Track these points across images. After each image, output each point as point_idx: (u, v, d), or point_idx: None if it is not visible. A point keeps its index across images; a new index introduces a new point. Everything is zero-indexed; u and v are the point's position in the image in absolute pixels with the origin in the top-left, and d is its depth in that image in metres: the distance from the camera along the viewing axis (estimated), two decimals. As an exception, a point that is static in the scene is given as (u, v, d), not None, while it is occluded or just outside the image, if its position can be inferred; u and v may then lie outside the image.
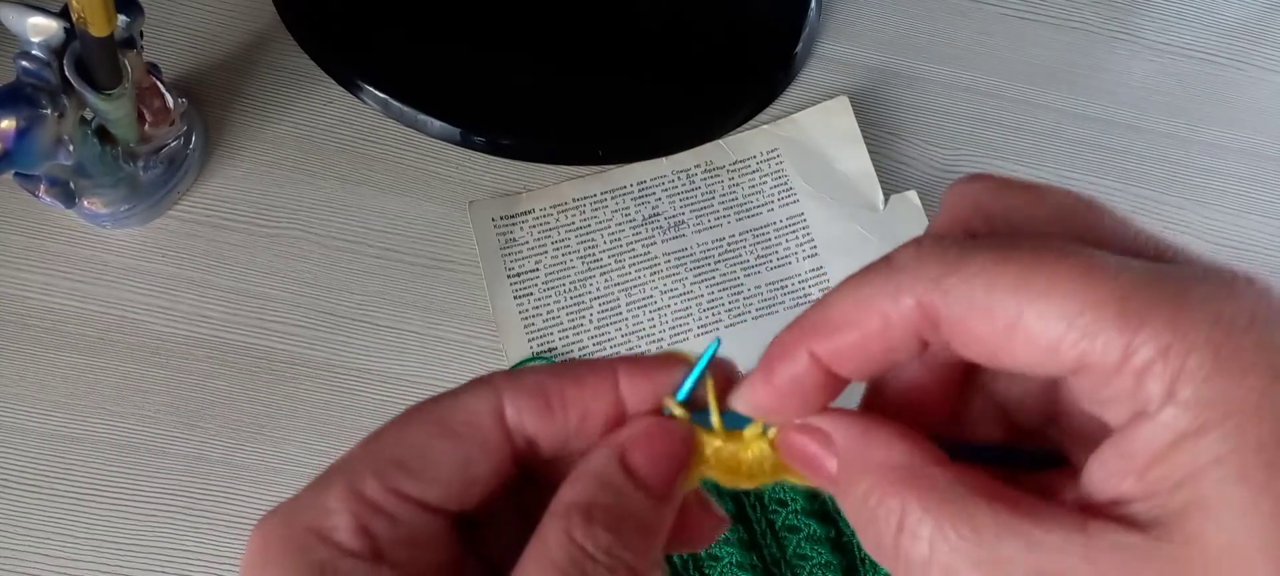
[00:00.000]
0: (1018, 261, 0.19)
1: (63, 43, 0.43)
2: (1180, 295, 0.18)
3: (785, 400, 0.22)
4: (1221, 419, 0.18)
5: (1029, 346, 0.19)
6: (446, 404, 0.23)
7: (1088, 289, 0.18)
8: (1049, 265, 0.19)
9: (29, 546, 0.45)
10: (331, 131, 0.55)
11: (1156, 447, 0.18)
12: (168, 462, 0.47)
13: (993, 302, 0.19)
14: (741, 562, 0.46)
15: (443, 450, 0.22)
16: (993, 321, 0.19)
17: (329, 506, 0.21)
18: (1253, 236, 0.60)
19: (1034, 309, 0.19)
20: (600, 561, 0.21)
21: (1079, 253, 0.19)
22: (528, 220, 0.54)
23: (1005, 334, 0.19)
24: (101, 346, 0.49)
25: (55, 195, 0.47)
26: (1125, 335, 0.18)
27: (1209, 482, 0.18)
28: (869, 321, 0.20)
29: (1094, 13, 0.65)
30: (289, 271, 0.52)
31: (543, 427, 0.23)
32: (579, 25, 0.60)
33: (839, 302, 0.21)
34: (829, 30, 0.61)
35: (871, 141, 0.58)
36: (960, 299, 0.19)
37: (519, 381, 0.23)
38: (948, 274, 0.19)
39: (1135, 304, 0.18)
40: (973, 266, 0.19)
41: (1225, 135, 0.62)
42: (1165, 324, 0.18)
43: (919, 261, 0.20)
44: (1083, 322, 0.18)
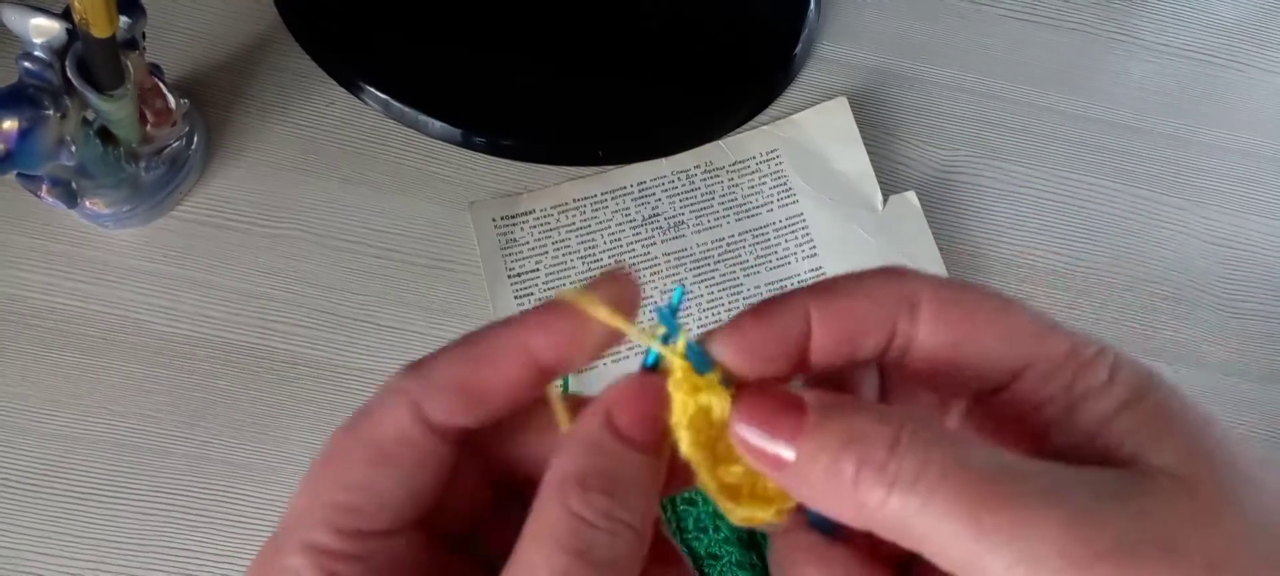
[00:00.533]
0: (984, 291, 0.23)
1: (65, 44, 0.43)
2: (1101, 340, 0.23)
3: (766, 346, 0.23)
4: (1152, 387, 0.22)
5: (993, 343, 0.23)
6: (366, 427, 0.22)
7: (1032, 315, 0.23)
8: (1005, 299, 0.23)
9: (31, 546, 0.45)
10: (333, 132, 0.55)
11: (1106, 413, 0.21)
12: (170, 462, 0.47)
13: (972, 309, 0.23)
14: (741, 562, 0.47)
15: (381, 479, 0.22)
16: (968, 319, 0.23)
17: (290, 566, 0.21)
18: (1252, 236, 0.60)
19: (999, 316, 0.23)
20: (601, 527, 0.21)
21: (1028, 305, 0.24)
22: (528, 220, 0.54)
23: (973, 330, 0.23)
24: (103, 346, 0.49)
25: (57, 196, 0.47)
26: (1067, 339, 0.23)
27: (1156, 424, 0.21)
28: (867, 295, 0.23)
29: (1093, 14, 0.65)
30: (291, 271, 0.52)
31: (470, 418, 0.22)
32: (579, 26, 0.60)
33: (842, 277, 0.23)
34: (829, 31, 0.62)
35: (870, 142, 0.58)
36: (946, 300, 0.23)
37: (432, 383, 0.22)
38: (939, 283, 0.23)
39: (1066, 328, 0.23)
40: (954, 285, 0.23)
41: (1224, 136, 0.62)
42: (1091, 339, 0.23)
43: (922, 272, 0.23)
44: (1033, 329, 0.23)
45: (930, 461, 0.20)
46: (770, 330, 0.23)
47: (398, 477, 0.22)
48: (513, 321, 0.23)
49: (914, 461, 0.20)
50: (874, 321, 0.23)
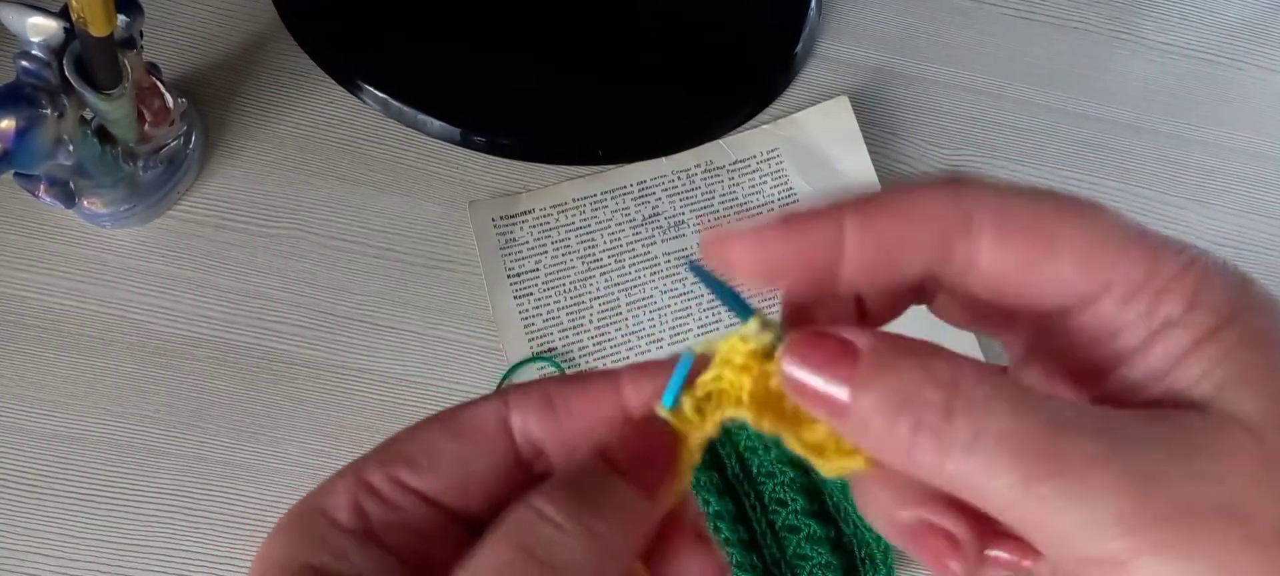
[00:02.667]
0: (1059, 197, 0.21)
1: (63, 43, 0.43)
2: (1181, 243, 0.21)
3: (787, 257, 0.22)
4: (1238, 312, 0.20)
5: (1063, 264, 0.21)
6: (461, 408, 0.24)
7: (1113, 223, 0.21)
8: (1084, 205, 0.21)
9: (29, 546, 0.45)
10: (331, 131, 0.55)
11: (1182, 349, 0.20)
12: (168, 462, 0.47)
13: (1038, 222, 0.21)
14: (741, 562, 0.46)
15: (444, 446, 0.23)
16: (1034, 237, 0.21)
17: (334, 487, 0.23)
18: (1253, 236, 0.60)
19: (1072, 228, 0.21)
20: (557, 523, 0.20)
21: (1102, 204, 0.21)
22: (528, 220, 0.54)
23: (1044, 249, 0.21)
24: (101, 346, 0.49)
25: (55, 195, 0.47)
26: (1150, 256, 0.20)
27: (1237, 359, 0.19)
28: (917, 212, 0.21)
29: (1094, 13, 0.65)
30: (289, 271, 0.52)
31: (547, 432, 0.23)
32: (579, 25, 0.60)
33: (896, 191, 0.22)
34: (829, 30, 0.61)
35: (871, 141, 0.57)
36: (1008, 213, 0.21)
37: (524, 388, 0.24)
38: (1004, 192, 0.21)
39: (1154, 238, 0.21)
40: (1022, 193, 0.21)
41: (1225, 135, 0.62)
42: (1180, 250, 0.20)
43: (979, 180, 0.22)
44: (1112, 245, 0.20)
45: (985, 428, 0.19)
46: (797, 243, 0.21)
47: (459, 453, 0.23)
48: (622, 366, 0.24)
49: (969, 427, 0.19)
50: (921, 241, 0.21)
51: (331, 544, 0.22)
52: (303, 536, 0.22)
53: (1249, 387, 0.19)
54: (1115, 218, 0.21)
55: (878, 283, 0.22)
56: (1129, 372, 0.21)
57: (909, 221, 0.21)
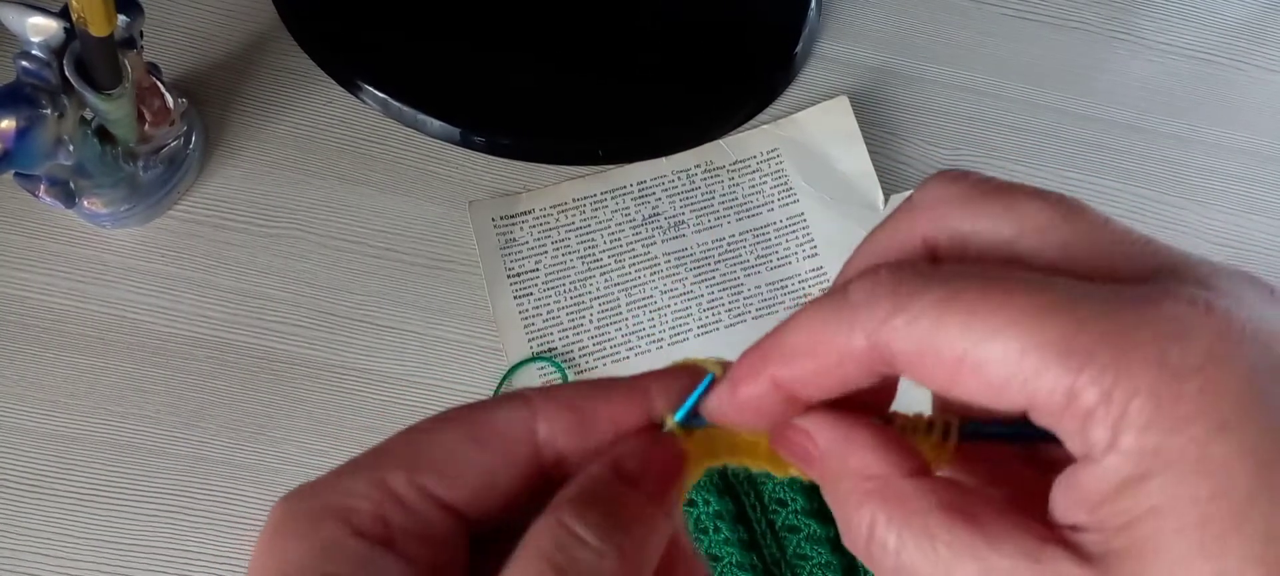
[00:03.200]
0: (966, 300, 0.19)
1: (63, 43, 0.43)
2: (1127, 334, 0.18)
3: (749, 417, 0.23)
4: (1161, 469, 0.18)
5: (978, 384, 0.19)
6: (481, 412, 0.23)
7: (1033, 329, 0.18)
8: (997, 303, 0.19)
9: (29, 546, 0.45)
10: (331, 131, 0.55)
11: (1104, 489, 0.18)
12: (168, 463, 0.47)
13: (939, 343, 0.19)
14: (741, 562, 0.46)
15: (471, 455, 0.22)
16: (940, 361, 0.19)
17: (354, 489, 0.22)
18: (1253, 236, 0.60)
19: (979, 350, 0.19)
20: (590, 544, 0.21)
21: (1030, 288, 0.19)
22: (528, 220, 0.54)
23: (956, 372, 0.19)
24: (101, 346, 0.49)
25: (55, 195, 0.47)
26: (1068, 377, 0.18)
27: (1149, 530, 0.18)
28: (825, 354, 0.21)
29: (1094, 13, 0.65)
30: (289, 271, 0.52)
31: (572, 442, 0.23)
32: (579, 25, 0.60)
33: (796, 333, 0.21)
34: (829, 30, 0.61)
35: (871, 141, 0.57)
36: (908, 339, 0.19)
37: (552, 396, 0.23)
38: (896, 313, 0.20)
39: (1080, 344, 0.18)
40: (921, 304, 0.19)
41: (1225, 135, 0.62)
42: (1108, 367, 0.18)
43: (871, 299, 0.20)
44: (1027, 364, 0.18)
45: (902, 566, 0.20)
46: (746, 401, 0.22)
47: (484, 462, 0.22)
48: (648, 374, 0.24)
49: (889, 563, 0.21)
50: (845, 376, 0.21)
51: (349, 552, 0.21)
52: (316, 542, 0.21)
53: (1153, 569, 0.18)
54: (1038, 323, 0.18)
55: (832, 395, 0.23)
56: (1065, 491, 0.20)
57: (821, 362, 0.21)
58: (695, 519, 0.47)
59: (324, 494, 0.22)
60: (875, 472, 0.21)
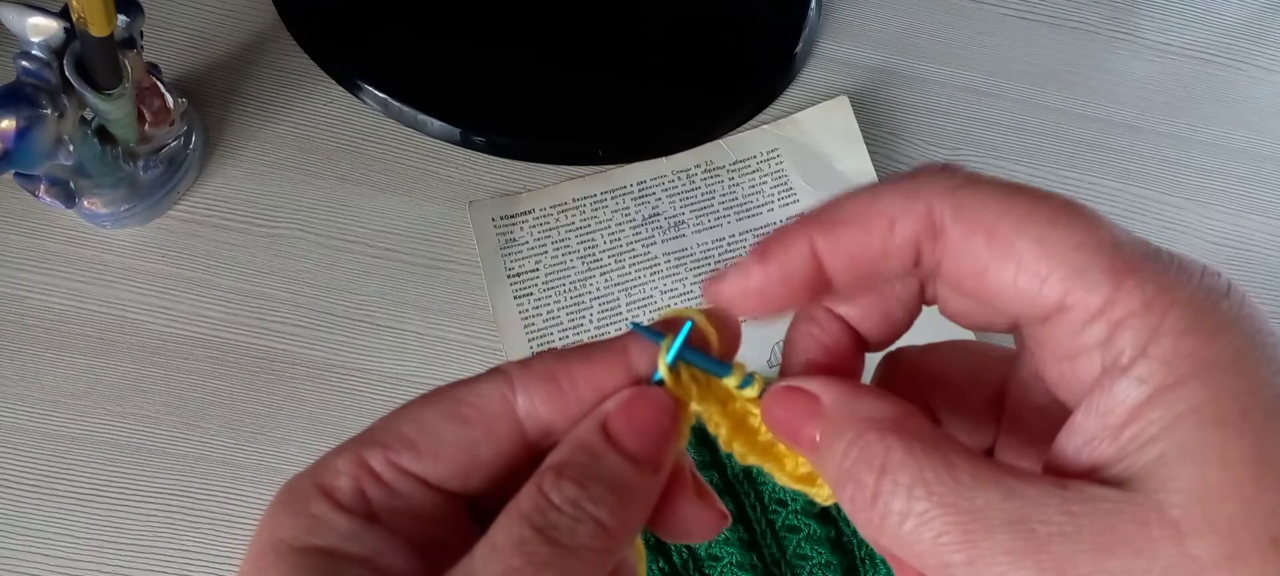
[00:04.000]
0: (1029, 195, 0.20)
1: (63, 43, 0.43)
2: (1167, 260, 0.19)
3: (773, 288, 0.22)
4: (1197, 371, 0.18)
5: (1019, 274, 0.20)
6: (460, 389, 0.23)
7: (1085, 234, 0.19)
8: (1056, 206, 0.20)
9: (29, 546, 0.45)
10: (331, 131, 0.55)
11: (1131, 403, 0.18)
12: (168, 462, 0.47)
13: (998, 222, 0.20)
14: (741, 562, 0.46)
15: (449, 432, 0.23)
16: (992, 240, 0.20)
17: (338, 468, 0.23)
18: (1253, 236, 0.60)
19: (1033, 235, 0.19)
20: (565, 512, 0.21)
21: (1081, 209, 0.20)
22: (528, 220, 0.54)
23: (1000, 255, 0.20)
24: (101, 346, 0.49)
25: (55, 195, 0.47)
26: (1111, 282, 0.19)
27: (1186, 430, 0.18)
28: (876, 220, 0.21)
29: (1094, 13, 0.65)
30: (289, 271, 0.52)
31: (556, 411, 0.23)
32: (579, 25, 0.60)
33: (852, 199, 0.22)
34: (829, 30, 0.61)
35: (871, 141, 0.58)
36: (969, 212, 0.20)
37: (529, 366, 0.23)
38: (963, 187, 0.20)
39: (1125, 257, 0.19)
40: (986, 188, 0.20)
41: (1225, 135, 0.62)
42: (1150, 278, 0.19)
43: (939, 174, 0.21)
44: (1074, 259, 0.19)
45: (908, 512, 0.20)
46: (776, 271, 0.22)
47: (464, 438, 0.23)
48: (626, 333, 0.24)
49: (894, 512, 0.20)
50: (885, 250, 0.21)
51: (337, 526, 0.22)
52: (307, 517, 0.22)
53: (1183, 474, 0.18)
54: (1088, 227, 0.19)
55: (865, 286, 0.23)
56: (1085, 419, 0.19)
57: (869, 230, 0.21)
58: (695, 519, 0.47)
59: (315, 473, 0.23)
60: (889, 414, 0.21)
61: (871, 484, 0.20)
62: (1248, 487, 0.17)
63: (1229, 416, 0.18)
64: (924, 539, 0.19)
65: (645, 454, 0.22)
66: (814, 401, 0.22)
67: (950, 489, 0.19)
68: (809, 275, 0.22)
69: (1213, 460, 0.18)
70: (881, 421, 0.21)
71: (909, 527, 0.19)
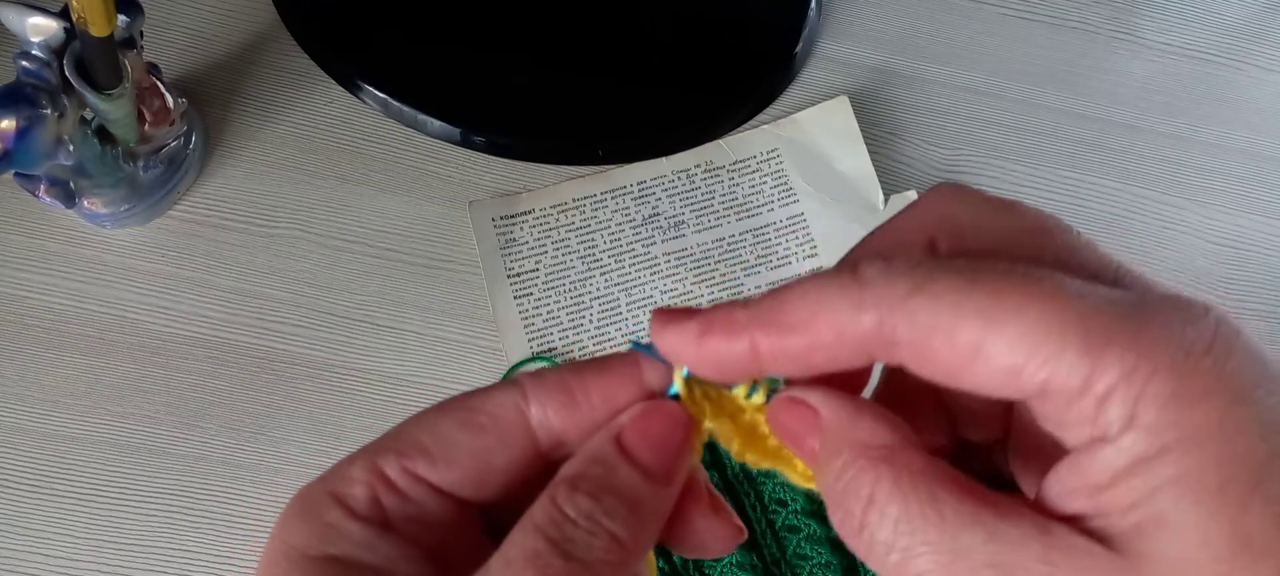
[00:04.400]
0: (984, 286, 0.19)
1: (63, 43, 0.43)
2: (1142, 321, 0.18)
3: (705, 366, 0.22)
4: (1181, 441, 0.18)
5: (991, 371, 0.19)
6: (474, 398, 0.24)
7: (1052, 315, 0.18)
8: (1015, 290, 0.19)
9: (29, 546, 0.45)
10: (331, 131, 0.55)
11: (1114, 470, 0.18)
12: (168, 462, 0.47)
13: (957, 326, 0.19)
14: (741, 562, 0.46)
15: (462, 440, 0.23)
16: (955, 345, 0.19)
17: (351, 476, 0.23)
18: (1252, 236, 0.60)
19: (998, 334, 0.19)
20: (580, 525, 0.21)
21: (1045, 278, 0.19)
22: (528, 220, 0.54)
23: (968, 357, 0.19)
24: (101, 346, 0.49)
25: (55, 195, 0.47)
26: (1088, 360, 0.18)
27: (1166, 501, 0.18)
28: (823, 331, 0.20)
29: (1094, 13, 0.65)
30: (289, 271, 0.52)
31: (568, 421, 0.23)
32: (579, 25, 0.60)
33: (797, 304, 0.21)
34: (829, 30, 0.61)
35: (871, 141, 0.58)
36: (924, 321, 0.19)
37: (543, 379, 0.24)
38: (913, 294, 0.19)
39: (1099, 329, 0.18)
40: (939, 287, 0.19)
41: (1225, 135, 0.62)
42: (1128, 348, 0.18)
43: (887, 278, 0.20)
44: (1047, 349, 0.18)
45: (894, 544, 0.20)
46: (711, 354, 0.22)
47: (478, 447, 0.23)
48: (626, 352, 0.24)
49: (882, 543, 0.20)
50: (832, 359, 0.21)
51: (351, 535, 0.22)
52: (321, 525, 0.22)
53: (1163, 545, 0.18)
54: (1056, 304, 0.19)
55: (803, 374, 0.22)
56: (1069, 474, 0.19)
57: (814, 342, 0.20)
58: (695, 519, 0.47)
59: (329, 481, 0.23)
60: (883, 442, 0.21)
61: (858, 514, 0.20)
62: (1225, 565, 0.18)
63: (1209, 489, 0.18)
64: (909, 571, 0.19)
65: (659, 467, 0.23)
66: (812, 417, 0.22)
67: (934, 527, 0.19)
68: (746, 366, 0.22)
69: (1192, 535, 0.18)
70: (874, 449, 0.21)
71: (894, 560, 0.20)
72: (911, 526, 0.20)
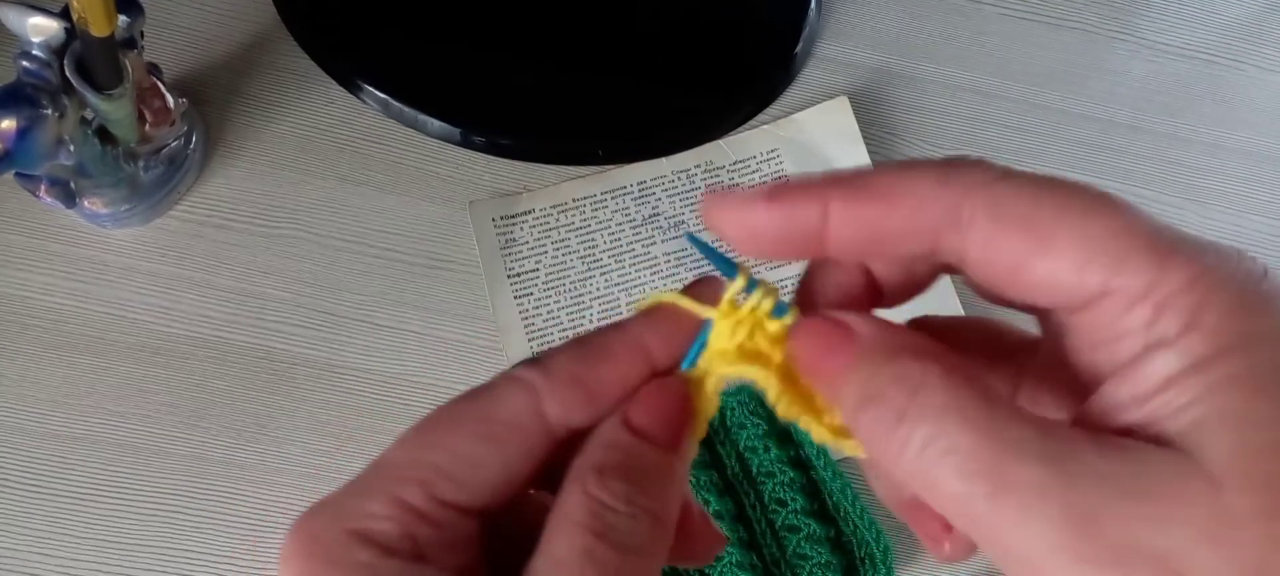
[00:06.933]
0: (1063, 188, 0.20)
1: (63, 43, 0.43)
2: (1205, 245, 0.19)
3: (768, 232, 0.22)
4: (1238, 343, 0.18)
5: (1055, 267, 0.19)
6: (486, 404, 0.22)
7: (1123, 222, 0.19)
8: (1092, 197, 0.20)
9: (30, 546, 0.45)
10: (332, 131, 0.55)
11: (1169, 375, 0.18)
12: (169, 462, 0.47)
13: (1034, 215, 0.20)
14: (741, 562, 0.46)
15: (487, 456, 0.22)
16: (1029, 234, 0.20)
17: (373, 511, 0.21)
18: (1252, 236, 0.60)
19: (1071, 226, 0.19)
20: (620, 510, 0.21)
21: (1116, 198, 0.20)
22: (528, 220, 0.54)
23: (1038, 248, 0.20)
24: (102, 346, 0.49)
25: (56, 195, 0.47)
26: (1155, 265, 0.19)
27: (1223, 396, 0.18)
28: (903, 200, 0.21)
29: (1093, 13, 0.65)
30: (289, 271, 0.52)
31: (587, 416, 0.23)
32: (579, 25, 0.60)
33: (881, 173, 0.21)
34: (829, 30, 0.62)
35: (871, 141, 0.58)
36: (1005, 207, 0.20)
37: (554, 376, 0.23)
38: (998, 182, 0.20)
39: (1166, 242, 0.19)
40: (1021, 182, 0.20)
41: (1224, 135, 0.62)
42: (1193, 258, 0.19)
43: (974, 167, 0.21)
44: (1114, 247, 0.19)
45: (936, 437, 0.19)
46: (779, 220, 0.22)
47: (502, 460, 0.22)
48: (624, 323, 0.23)
49: (920, 434, 0.19)
50: (904, 229, 0.21)
51: (394, 573, 0.21)
52: (353, 568, 0.21)
53: (1223, 434, 0.18)
54: (1124, 215, 0.20)
55: (861, 259, 0.22)
56: (1117, 387, 0.19)
57: (892, 208, 0.21)
58: (695, 518, 0.47)
59: (345, 519, 0.21)
60: (928, 346, 0.21)
61: (901, 402, 0.20)
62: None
63: (1269, 384, 0.18)
64: (949, 466, 0.19)
65: (670, 438, 0.23)
66: (846, 334, 0.21)
67: (985, 417, 0.19)
68: (810, 234, 0.21)
69: (1253, 423, 0.18)
70: (918, 348, 0.20)
71: (934, 453, 0.19)
72: (961, 414, 0.19)
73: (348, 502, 0.22)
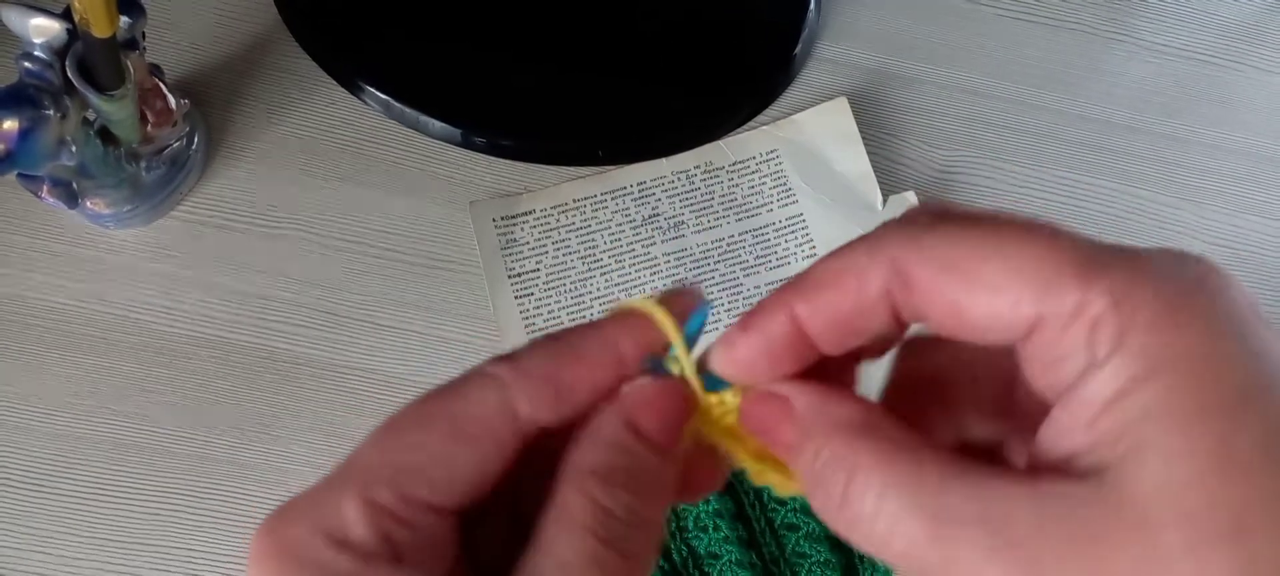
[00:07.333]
0: (987, 222, 0.20)
1: (65, 43, 0.43)
2: (1135, 258, 0.19)
3: (757, 357, 0.23)
4: (1164, 367, 0.18)
5: (991, 299, 0.20)
6: (455, 402, 0.22)
7: (1048, 249, 0.20)
8: (1016, 227, 0.20)
9: (34, 546, 0.46)
10: (333, 132, 0.55)
11: (1104, 397, 0.19)
12: (172, 462, 0.48)
13: (959, 255, 0.20)
14: (740, 561, 0.47)
15: (458, 455, 0.22)
16: (957, 274, 0.20)
17: (345, 514, 0.21)
18: (1250, 236, 0.60)
19: (997, 263, 0.20)
20: (623, 520, 0.22)
21: (1042, 224, 0.20)
22: (528, 220, 0.54)
23: (969, 286, 0.20)
24: (104, 346, 0.49)
25: (58, 196, 0.48)
26: (1081, 288, 0.19)
27: (1148, 429, 0.18)
28: (846, 278, 0.21)
29: (1091, 14, 0.65)
30: (291, 271, 0.52)
31: (558, 415, 0.23)
32: (579, 26, 0.60)
33: (822, 264, 0.22)
34: (828, 31, 0.62)
35: (870, 142, 0.58)
36: (930, 253, 0.20)
37: (525, 373, 0.23)
38: (922, 231, 0.21)
39: (1093, 262, 0.19)
40: (946, 224, 0.21)
41: (1222, 136, 0.63)
42: (1119, 279, 0.19)
43: (898, 226, 0.21)
44: (1041, 274, 0.19)
45: (877, 514, 0.20)
46: (758, 340, 0.23)
47: (473, 458, 0.22)
48: (599, 323, 0.24)
49: (864, 518, 0.20)
50: (861, 310, 0.21)
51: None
52: (336, 572, 0.21)
53: (1150, 466, 0.18)
54: (1049, 239, 0.20)
55: (851, 347, 0.23)
56: (1063, 412, 0.20)
57: (841, 292, 0.22)
58: (694, 516, 0.47)
59: (317, 519, 0.21)
60: (858, 420, 0.21)
61: (841, 486, 0.20)
62: (1212, 481, 0.18)
63: (1193, 411, 0.18)
64: (898, 538, 0.19)
65: (671, 444, 0.23)
66: (786, 404, 0.22)
67: (920, 488, 0.20)
68: (791, 341, 0.22)
69: (1178, 455, 0.18)
70: (852, 424, 0.21)
71: (881, 528, 0.20)
72: (898, 492, 0.20)
73: (319, 503, 0.21)
